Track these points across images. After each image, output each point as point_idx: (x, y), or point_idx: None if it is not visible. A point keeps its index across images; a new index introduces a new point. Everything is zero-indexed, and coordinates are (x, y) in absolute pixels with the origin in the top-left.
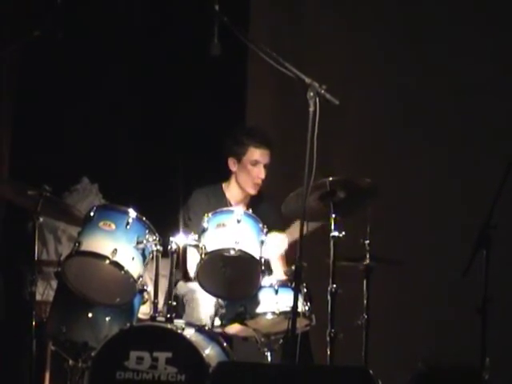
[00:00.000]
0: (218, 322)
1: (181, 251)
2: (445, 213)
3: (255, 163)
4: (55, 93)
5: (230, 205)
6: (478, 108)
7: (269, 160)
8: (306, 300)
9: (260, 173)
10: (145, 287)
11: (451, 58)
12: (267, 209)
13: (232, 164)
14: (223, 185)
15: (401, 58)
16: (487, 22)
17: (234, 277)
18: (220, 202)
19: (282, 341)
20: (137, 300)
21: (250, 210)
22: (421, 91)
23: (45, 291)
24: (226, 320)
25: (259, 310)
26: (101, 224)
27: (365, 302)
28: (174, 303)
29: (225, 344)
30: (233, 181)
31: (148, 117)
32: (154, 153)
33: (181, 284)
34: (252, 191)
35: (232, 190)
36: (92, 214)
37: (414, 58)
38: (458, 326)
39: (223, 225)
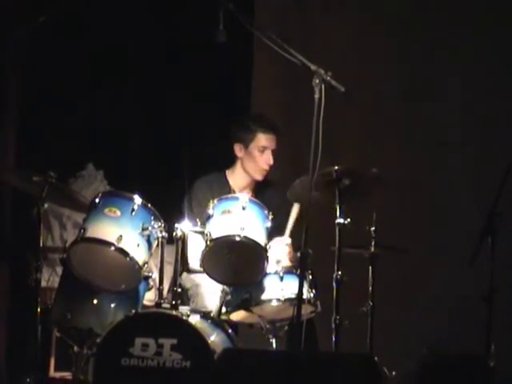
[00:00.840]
0: (223, 309)
1: (185, 238)
2: (450, 200)
3: (263, 149)
4: (60, 81)
5: (234, 192)
6: (485, 100)
7: (275, 146)
8: (311, 287)
9: (268, 159)
10: (150, 274)
11: (460, 47)
12: (272, 195)
13: (238, 150)
14: (227, 172)
15: (409, 46)
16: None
17: (240, 263)
18: (223, 190)
19: (287, 327)
20: (142, 287)
21: (255, 197)
22: (428, 78)
23: (50, 278)
24: (232, 307)
25: (264, 296)
26: (106, 210)
27: (370, 289)
28: (179, 290)
29: (230, 331)
30: (238, 167)
31: (153, 103)
32: (159, 139)
33: (185, 276)
34: (259, 177)
35: (237, 177)
36: (97, 200)
37: (424, 47)
38: (463, 313)
39: (228, 211)
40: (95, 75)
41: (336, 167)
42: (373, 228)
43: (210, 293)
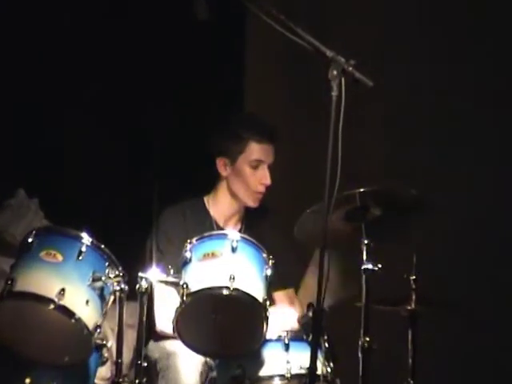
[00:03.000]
0: None
1: (153, 292)
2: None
3: (257, 164)
4: None
5: (217, 225)
6: None
7: (273, 159)
8: (327, 359)
9: (264, 177)
10: (104, 342)
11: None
12: (269, 229)
13: (222, 166)
14: (206, 199)
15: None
16: None
17: (229, 326)
18: (202, 223)
19: None
20: (93, 360)
21: (246, 232)
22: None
23: None
24: None
25: (263, 372)
26: (43, 254)
27: (410, 361)
28: (145, 364)
29: None
30: (222, 191)
31: (105, 105)
32: (116, 155)
33: (151, 345)
34: (252, 203)
35: (220, 205)
36: (30, 239)
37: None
38: None
39: (213, 255)
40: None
41: (361, 189)
42: (413, 277)
43: (187, 367)
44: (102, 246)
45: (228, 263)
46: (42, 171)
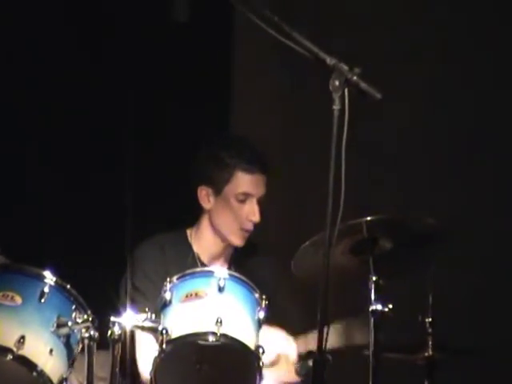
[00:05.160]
0: None
1: (127, 339)
2: None
3: (245, 197)
4: None
5: (201, 262)
6: None
7: (264, 190)
8: None
9: (252, 212)
10: None
11: None
12: (263, 266)
13: (204, 198)
14: (188, 232)
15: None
16: None
17: (216, 379)
18: (184, 259)
19: None
20: None
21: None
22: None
23: None
24: None
25: None
26: None
27: None
28: None
29: None
30: (204, 225)
31: (72, 125)
32: (84, 180)
33: None
34: (237, 241)
35: (203, 240)
36: None
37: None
38: None
39: (196, 295)
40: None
41: (368, 218)
42: (429, 319)
43: None
44: (68, 287)
45: (214, 305)
46: None
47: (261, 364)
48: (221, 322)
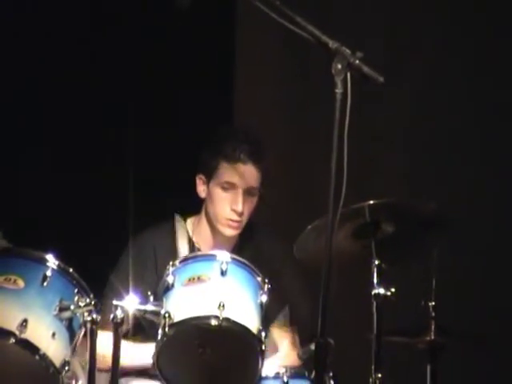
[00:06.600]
0: None
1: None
2: None
3: (227, 186)
4: None
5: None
6: None
7: (255, 183)
8: None
9: (235, 202)
10: (73, 381)
11: None
12: (268, 241)
13: (200, 186)
14: (189, 221)
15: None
16: None
17: (218, 362)
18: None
19: None
20: None
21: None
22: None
23: None
24: None
25: None
26: (1, 280)
27: None
28: None
29: None
30: (202, 214)
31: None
32: (86, 165)
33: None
34: (224, 230)
35: (202, 230)
36: None
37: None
38: None
39: (199, 279)
40: None
41: (371, 202)
42: (432, 303)
43: None
44: (71, 270)
45: (217, 289)
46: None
47: (263, 347)
48: (223, 305)
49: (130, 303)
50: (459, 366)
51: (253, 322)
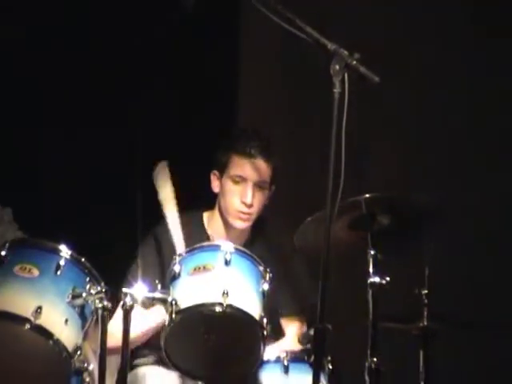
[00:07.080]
0: None
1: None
2: None
3: (238, 180)
4: None
5: None
6: None
7: (265, 177)
8: (331, 382)
9: (244, 194)
10: (85, 365)
11: None
12: (277, 234)
13: (214, 181)
14: (205, 215)
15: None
16: None
17: (222, 347)
18: (198, 240)
19: None
20: None
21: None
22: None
23: None
24: None
25: None
26: (17, 269)
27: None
28: None
29: None
30: (217, 208)
31: (86, 104)
32: (99, 158)
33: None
34: (235, 223)
35: (215, 224)
36: (3, 253)
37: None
38: None
39: (204, 268)
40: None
41: (367, 195)
42: (425, 291)
43: None
44: (83, 260)
45: (221, 277)
46: (16, 178)
47: (264, 333)
48: (227, 293)
49: (138, 291)
50: (451, 351)
51: (255, 309)
